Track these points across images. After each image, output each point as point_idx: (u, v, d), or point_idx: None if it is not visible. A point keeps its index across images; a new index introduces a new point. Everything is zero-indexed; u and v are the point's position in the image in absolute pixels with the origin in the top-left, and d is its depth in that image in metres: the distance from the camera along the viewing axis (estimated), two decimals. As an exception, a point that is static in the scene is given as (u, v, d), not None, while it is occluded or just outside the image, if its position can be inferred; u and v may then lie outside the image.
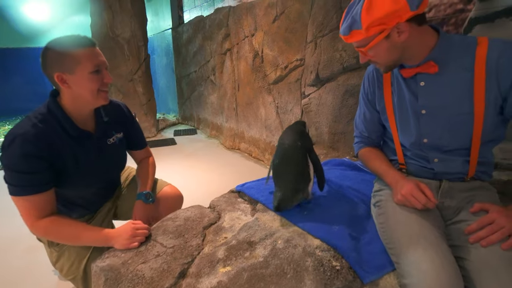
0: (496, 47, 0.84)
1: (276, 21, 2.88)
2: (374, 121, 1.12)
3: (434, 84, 0.93)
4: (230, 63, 3.79)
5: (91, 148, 1.10)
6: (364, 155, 1.15)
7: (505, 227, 0.79)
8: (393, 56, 0.91)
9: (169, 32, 5.31)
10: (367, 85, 1.12)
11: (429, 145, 0.97)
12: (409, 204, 0.89)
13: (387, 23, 0.84)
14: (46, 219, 1.00)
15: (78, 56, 0.96)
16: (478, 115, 0.88)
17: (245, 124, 3.73)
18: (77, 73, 0.96)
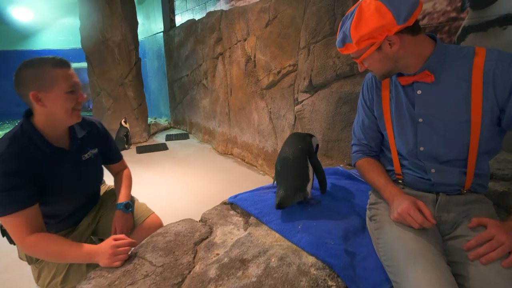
0: (494, 57, 0.84)
1: (269, 26, 2.86)
2: (373, 128, 1.10)
3: (431, 93, 0.92)
4: (222, 68, 3.76)
5: (66, 164, 1.11)
6: (362, 167, 1.12)
7: (504, 243, 0.77)
8: (386, 66, 0.94)
9: (160, 35, 5.25)
10: (366, 91, 1.11)
11: (426, 154, 0.96)
12: (406, 223, 0.87)
13: (376, 37, 0.87)
14: (34, 236, 1.00)
15: (55, 76, 0.99)
16: (475, 124, 0.87)
17: (237, 129, 3.69)
18: (53, 92, 0.99)
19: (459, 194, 0.97)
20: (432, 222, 0.84)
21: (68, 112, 1.03)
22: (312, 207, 1.26)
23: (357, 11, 0.88)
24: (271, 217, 1.21)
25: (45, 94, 0.98)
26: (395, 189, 0.96)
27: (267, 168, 3.22)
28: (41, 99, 0.98)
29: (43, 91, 0.97)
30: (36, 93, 0.97)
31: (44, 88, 0.97)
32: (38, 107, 1.00)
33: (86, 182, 1.21)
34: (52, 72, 0.98)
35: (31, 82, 0.97)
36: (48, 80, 0.97)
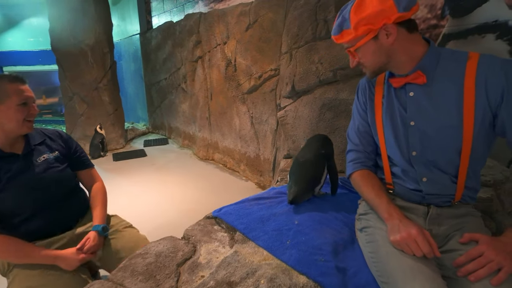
0: (487, 62, 0.83)
1: (249, 30, 2.81)
2: (369, 132, 1.07)
3: (423, 95, 0.91)
4: (202, 71, 3.68)
5: (17, 167, 1.17)
6: (358, 180, 1.07)
7: (493, 260, 0.76)
8: (379, 60, 0.92)
9: (137, 37, 5.09)
10: (361, 96, 1.09)
11: (418, 159, 0.94)
12: (407, 249, 0.82)
13: (375, 23, 0.86)
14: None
15: (8, 90, 1.11)
16: (467, 129, 0.86)
17: (218, 134, 3.62)
18: (5, 104, 1.11)
19: (450, 206, 0.95)
20: (437, 255, 0.81)
21: (19, 123, 1.14)
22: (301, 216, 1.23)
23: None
24: (257, 232, 1.15)
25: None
26: (397, 210, 0.92)
27: (249, 174, 3.17)
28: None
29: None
30: None
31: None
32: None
33: (40, 182, 1.22)
34: (5, 87, 1.11)
35: None
36: (1, 94, 1.10)
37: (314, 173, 1.32)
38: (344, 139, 1.76)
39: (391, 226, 0.89)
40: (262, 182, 2.98)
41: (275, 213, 1.28)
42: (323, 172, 1.34)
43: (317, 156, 1.34)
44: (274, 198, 1.43)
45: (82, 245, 1.19)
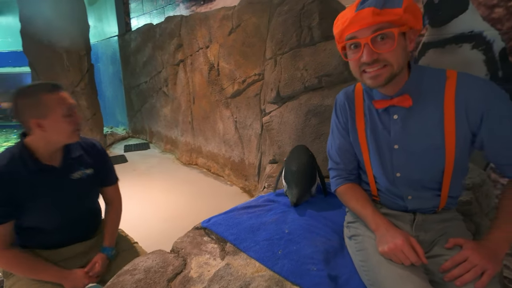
0: (465, 83, 0.84)
1: (232, 34, 2.80)
2: (350, 151, 1.06)
3: (407, 118, 0.90)
4: (184, 75, 3.62)
5: (52, 180, 1.13)
6: (343, 194, 1.08)
7: (477, 265, 0.79)
8: (404, 61, 0.83)
9: (115, 39, 4.94)
10: (340, 115, 1.06)
11: (402, 179, 0.95)
12: (396, 259, 0.84)
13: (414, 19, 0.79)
14: (9, 251, 1.07)
15: (49, 102, 1.02)
16: (449, 149, 0.87)
17: (202, 139, 3.58)
18: (50, 117, 1.03)
19: (434, 213, 0.99)
20: (424, 262, 0.83)
21: (68, 134, 1.09)
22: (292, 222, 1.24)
23: None
24: (248, 243, 1.14)
25: (44, 120, 1.02)
26: (384, 220, 0.93)
27: (234, 178, 3.15)
28: (42, 125, 1.03)
29: (41, 118, 1.02)
30: (36, 121, 1.02)
31: (41, 115, 1.02)
32: (39, 131, 1.04)
33: (72, 203, 1.19)
34: (45, 98, 1.02)
35: (28, 110, 1.02)
36: (43, 107, 1.02)
37: (310, 174, 1.42)
38: (330, 145, 1.78)
39: (379, 237, 0.91)
40: (247, 187, 2.97)
41: (265, 222, 1.28)
42: (316, 172, 1.45)
43: (309, 158, 1.45)
44: (263, 206, 1.43)
45: (89, 268, 1.18)
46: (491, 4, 1.30)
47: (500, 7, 1.28)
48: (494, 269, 0.79)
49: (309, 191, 1.43)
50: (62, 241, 1.20)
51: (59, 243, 1.20)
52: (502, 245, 0.84)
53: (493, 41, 1.31)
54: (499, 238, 0.85)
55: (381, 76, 0.83)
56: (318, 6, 1.78)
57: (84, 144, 1.24)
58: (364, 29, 0.80)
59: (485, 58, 1.34)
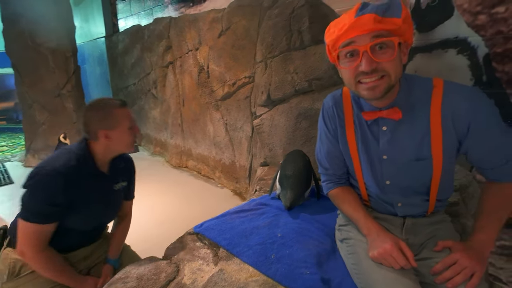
0: (451, 93, 0.84)
1: (222, 36, 2.80)
2: (339, 157, 1.07)
3: (396, 130, 0.90)
4: (173, 77, 3.60)
5: (102, 186, 1.22)
6: (335, 198, 1.09)
7: (467, 267, 0.81)
8: (400, 72, 0.82)
9: (102, 40, 4.87)
10: (328, 121, 1.06)
11: (392, 187, 0.96)
12: (386, 263, 0.86)
13: (408, 31, 0.80)
14: (47, 251, 1.10)
15: (118, 115, 1.14)
16: (436, 158, 0.89)
17: (192, 141, 3.55)
18: (117, 129, 1.15)
19: (424, 217, 1.01)
20: (413, 265, 0.84)
21: (129, 145, 1.21)
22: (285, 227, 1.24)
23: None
24: (241, 248, 1.15)
25: (111, 131, 1.13)
26: (375, 225, 0.95)
27: (225, 181, 3.15)
28: (108, 136, 1.14)
29: (110, 129, 1.13)
30: (105, 131, 1.13)
31: (110, 126, 1.13)
32: (104, 141, 1.14)
33: (108, 211, 1.30)
34: (115, 112, 1.14)
35: (98, 121, 1.12)
36: (113, 119, 1.13)
37: (305, 179, 1.43)
38: (320, 148, 1.80)
39: (370, 241, 0.92)
40: (238, 189, 2.97)
41: (258, 226, 1.28)
42: (311, 177, 1.47)
43: (305, 162, 1.47)
44: (255, 210, 1.43)
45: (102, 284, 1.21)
46: (475, 11, 1.34)
47: (483, 14, 1.33)
48: (482, 270, 0.82)
49: (303, 195, 1.44)
50: (75, 245, 1.24)
51: (72, 246, 1.23)
52: (487, 245, 0.87)
53: (477, 47, 1.35)
54: (484, 239, 0.87)
55: (378, 88, 0.81)
56: (308, 10, 1.80)
57: (124, 157, 1.33)
58: (363, 36, 0.77)
59: (470, 63, 1.38)
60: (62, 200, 1.07)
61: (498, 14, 1.29)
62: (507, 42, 1.29)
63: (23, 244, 1.07)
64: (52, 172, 1.05)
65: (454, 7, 1.39)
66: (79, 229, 1.20)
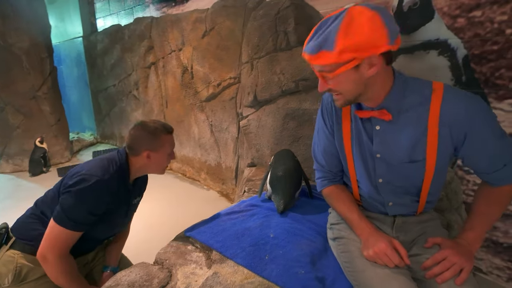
0: (451, 100, 0.84)
1: (206, 37, 2.77)
2: (335, 154, 1.07)
3: (389, 130, 0.91)
4: (155, 78, 3.53)
5: (126, 201, 1.26)
6: (329, 196, 1.10)
7: (456, 263, 0.84)
8: (356, 90, 0.85)
9: (79, 40, 4.71)
10: (326, 117, 1.05)
11: (384, 185, 0.98)
12: (380, 262, 0.87)
13: (362, 52, 0.76)
14: (65, 259, 1.11)
15: (164, 140, 1.21)
16: (430, 162, 0.91)
17: (176, 143, 3.49)
18: (159, 152, 1.21)
19: (413, 215, 1.03)
20: (407, 263, 0.86)
21: (163, 169, 1.27)
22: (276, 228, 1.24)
23: (346, 16, 0.76)
24: (234, 250, 1.14)
25: (153, 153, 1.20)
26: (368, 224, 0.96)
27: (211, 182, 3.12)
28: (150, 157, 1.20)
29: (153, 151, 1.19)
30: (149, 152, 1.19)
31: (154, 148, 1.20)
32: (144, 159, 1.20)
33: (125, 221, 1.36)
34: (162, 137, 1.21)
35: (145, 142, 1.18)
36: (158, 143, 1.20)
37: (296, 180, 1.44)
38: (308, 147, 1.82)
39: (364, 241, 0.94)
40: (225, 190, 2.95)
41: (249, 227, 1.28)
42: (301, 178, 1.47)
43: (295, 163, 1.47)
44: (246, 211, 1.43)
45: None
46: (454, 14, 1.40)
47: (462, 18, 1.38)
48: (470, 266, 0.85)
49: (294, 197, 1.44)
50: (84, 251, 1.26)
51: (81, 252, 1.24)
52: (475, 243, 0.91)
53: (457, 49, 1.41)
54: (473, 237, 0.91)
55: (338, 101, 0.90)
56: (293, 11, 1.81)
57: (145, 175, 1.37)
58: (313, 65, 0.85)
59: (450, 64, 1.44)
60: (103, 210, 1.12)
61: (475, 18, 1.36)
62: (484, 45, 1.35)
63: (49, 247, 1.07)
64: (101, 181, 1.08)
65: (434, 10, 1.45)
66: (97, 237, 1.25)
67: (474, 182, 1.49)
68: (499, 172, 0.88)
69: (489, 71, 1.36)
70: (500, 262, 1.46)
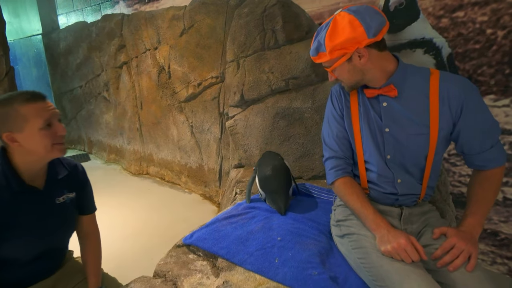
0: (447, 79, 0.96)
1: (184, 35, 2.67)
2: (347, 138, 1.12)
3: (395, 106, 1.00)
4: (128, 78, 3.35)
5: (36, 205, 1.00)
6: (340, 188, 1.10)
7: (464, 250, 0.88)
8: (354, 77, 1.02)
9: (38, 38, 4.34)
10: (336, 103, 1.14)
11: (392, 161, 1.03)
12: (398, 257, 0.89)
13: (348, 48, 0.94)
14: None
15: (24, 114, 0.89)
16: (432, 136, 0.98)
17: (153, 146, 3.35)
18: (26, 131, 0.90)
19: (416, 205, 1.08)
20: (424, 258, 0.88)
21: (47, 148, 0.94)
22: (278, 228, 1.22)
23: (332, 22, 0.96)
24: (242, 255, 1.09)
25: (18, 134, 0.90)
26: (384, 221, 0.97)
27: (192, 185, 3.02)
28: (16, 140, 0.91)
29: (15, 131, 0.90)
30: (9, 134, 0.90)
31: (15, 128, 0.90)
32: (14, 147, 0.92)
33: (55, 229, 1.06)
34: (20, 110, 0.89)
35: (1, 123, 0.89)
36: (17, 119, 0.89)
37: (287, 177, 1.44)
38: (300, 146, 1.82)
39: (380, 236, 0.94)
40: (208, 193, 2.87)
41: (252, 231, 1.24)
42: (290, 174, 1.48)
43: (281, 161, 1.48)
44: (244, 214, 1.39)
45: None
46: (438, 14, 1.46)
47: (446, 18, 1.45)
48: (476, 251, 0.90)
49: (289, 194, 1.43)
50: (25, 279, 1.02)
51: (22, 281, 1.01)
52: (477, 229, 0.96)
53: (441, 47, 1.48)
54: (474, 223, 0.96)
55: (345, 87, 1.08)
56: (280, 9, 1.80)
57: (67, 164, 1.11)
58: None
59: (435, 62, 1.50)
60: None
61: (458, 18, 1.43)
62: (467, 44, 1.42)
63: None
64: None
65: (419, 10, 1.50)
66: (19, 260, 0.99)
67: (459, 173, 1.57)
68: (487, 153, 0.97)
69: (471, 69, 1.44)
70: (485, 247, 1.55)
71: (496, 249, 1.52)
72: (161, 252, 1.26)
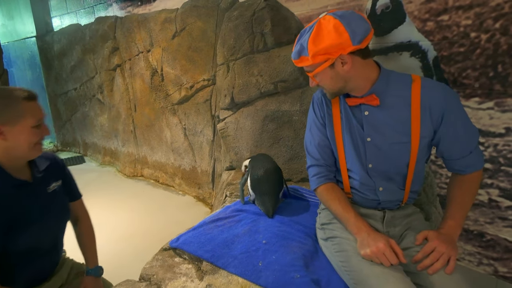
0: (428, 85, 0.96)
1: (176, 38, 2.68)
2: (328, 146, 1.11)
3: (377, 115, 1.00)
4: (122, 81, 3.36)
5: (33, 196, 1.03)
6: (325, 193, 1.10)
7: (444, 253, 0.89)
8: (337, 84, 0.99)
9: (32, 40, 4.34)
10: (318, 111, 1.13)
11: (374, 170, 1.03)
12: (377, 261, 0.90)
13: (331, 54, 0.92)
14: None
15: (22, 110, 0.93)
16: (414, 144, 0.98)
17: (147, 148, 3.36)
18: (18, 126, 0.93)
19: (399, 209, 1.08)
20: (402, 261, 0.89)
21: (30, 146, 0.96)
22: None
23: (316, 26, 0.92)
24: (226, 259, 1.10)
25: (8, 127, 0.92)
26: (365, 224, 0.98)
27: (186, 187, 3.03)
28: (3, 133, 0.92)
29: (6, 125, 0.91)
30: None
31: (8, 122, 0.91)
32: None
33: (56, 218, 1.11)
34: (20, 105, 0.93)
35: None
36: (14, 114, 0.92)
37: (279, 180, 1.44)
38: (289, 149, 1.83)
39: (360, 240, 0.95)
40: (201, 195, 2.88)
41: (238, 234, 1.25)
42: (282, 177, 1.47)
43: (274, 164, 1.47)
44: (232, 217, 1.39)
45: None
46: (424, 18, 1.47)
47: (431, 21, 1.46)
48: (456, 253, 0.91)
49: (279, 198, 1.44)
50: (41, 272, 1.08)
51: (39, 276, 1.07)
52: (456, 231, 0.98)
53: (427, 50, 1.49)
54: (454, 225, 0.98)
55: (327, 94, 1.06)
56: (269, 13, 1.81)
57: (46, 156, 1.14)
58: None
59: (421, 64, 1.51)
60: None
61: (443, 22, 1.44)
62: (452, 47, 1.43)
63: None
64: None
65: (406, 13, 1.51)
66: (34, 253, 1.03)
67: (446, 175, 1.58)
68: (466, 159, 0.98)
69: (456, 72, 1.45)
70: (471, 248, 1.57)
71: (483, 250, 1.53)
72: (153, 254, 1.27)
